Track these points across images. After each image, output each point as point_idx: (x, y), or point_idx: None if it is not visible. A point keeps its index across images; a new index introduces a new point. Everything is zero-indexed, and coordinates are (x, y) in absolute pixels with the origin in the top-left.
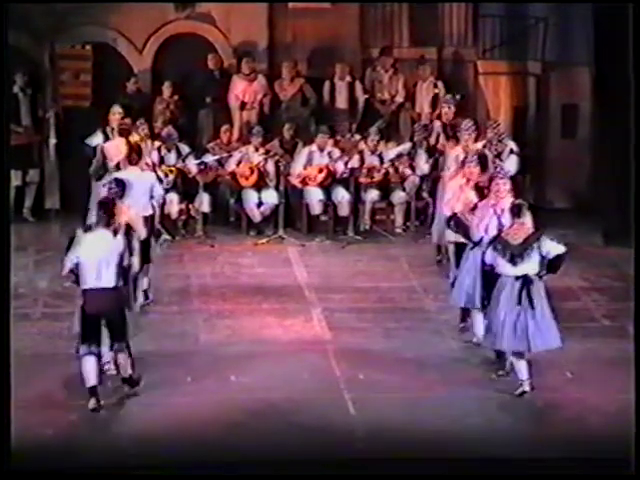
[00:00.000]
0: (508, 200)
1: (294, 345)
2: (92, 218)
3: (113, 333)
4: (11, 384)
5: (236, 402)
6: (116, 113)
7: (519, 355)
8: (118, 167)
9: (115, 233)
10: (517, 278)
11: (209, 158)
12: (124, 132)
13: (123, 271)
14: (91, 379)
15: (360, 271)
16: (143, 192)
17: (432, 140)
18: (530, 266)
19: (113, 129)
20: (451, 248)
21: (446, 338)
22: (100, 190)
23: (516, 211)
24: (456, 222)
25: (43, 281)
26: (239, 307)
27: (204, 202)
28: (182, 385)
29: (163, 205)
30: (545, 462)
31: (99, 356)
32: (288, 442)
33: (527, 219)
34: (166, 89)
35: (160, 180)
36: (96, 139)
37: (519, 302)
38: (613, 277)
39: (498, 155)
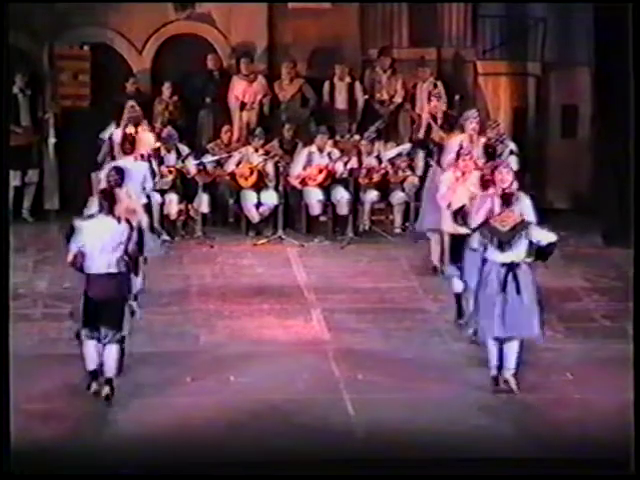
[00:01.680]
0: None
1: (294, 345)
2: (93, 206)
3: (109, 320)
4: (10, 385)
5: (236, 402)
6: (129, 107)
7: (498, 341)
8: (113, 157)
9: (119, 220)
10: (502, 265)
11: (209, 159)
12: (132, 120)
13: (128, 258)
14: (91, 363)
15: (360, 271)
16: (136, 182)
17: (421, 134)
18: (517, 253)
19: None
20: (447, 239)
21: (446, 339)
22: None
23: (506, 199)
24: (463, 215)
25: (42, 282)
26: (239, 307)
27: (203, 203)
28: (182, 385)
29: (162, 205)
30: (545, 462)
31: (99, 341)
32: (287, 442)
33: (517, 208)
34: (165, 90)
35: (153, 172)
36: (109, 131)
37: (504, 288)
38: (613, 278)
39: (499, 155)
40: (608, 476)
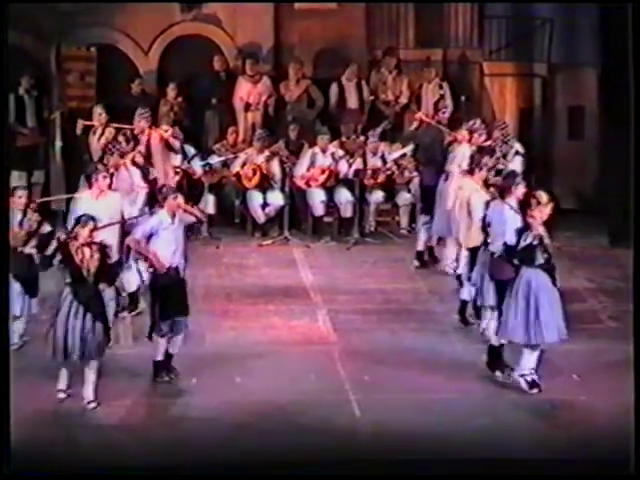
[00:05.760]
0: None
1: (299, 346)
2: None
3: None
4: (10, 385)
5: (241, 403)
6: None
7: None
8: None
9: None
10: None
11: (215, 159)
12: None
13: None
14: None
15: (365, 272)
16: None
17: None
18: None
19: None
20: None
21: (452, 339)
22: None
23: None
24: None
25: (44, 281)
26: (245, 308)
27: (209, 203)
28: (187, 386)
29: None
30: (546, 462)
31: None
32: (293, 443)
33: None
34: (170, 91)
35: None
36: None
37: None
38: (619, 278)
39: (504, 156)
40: (608, 476)
